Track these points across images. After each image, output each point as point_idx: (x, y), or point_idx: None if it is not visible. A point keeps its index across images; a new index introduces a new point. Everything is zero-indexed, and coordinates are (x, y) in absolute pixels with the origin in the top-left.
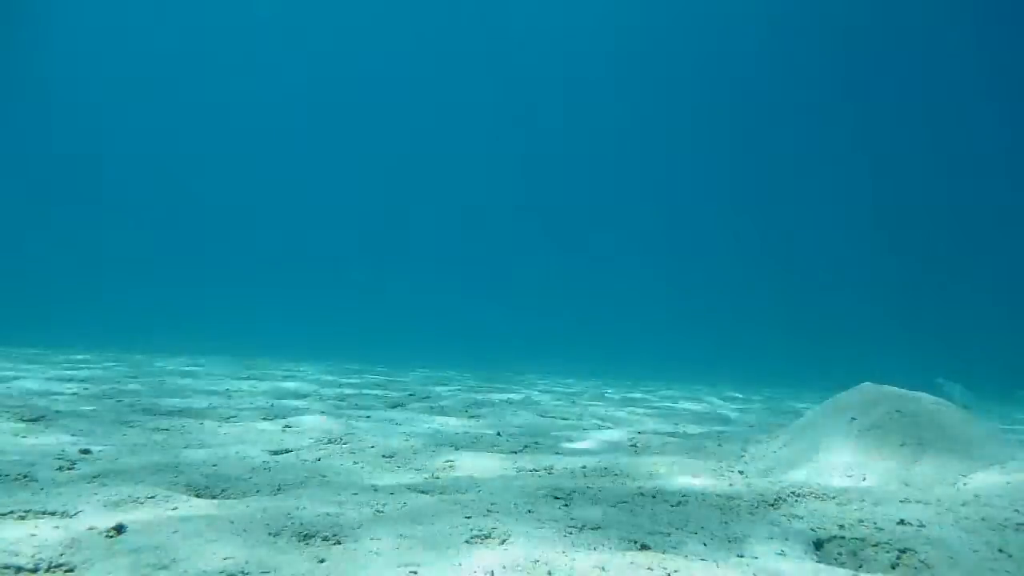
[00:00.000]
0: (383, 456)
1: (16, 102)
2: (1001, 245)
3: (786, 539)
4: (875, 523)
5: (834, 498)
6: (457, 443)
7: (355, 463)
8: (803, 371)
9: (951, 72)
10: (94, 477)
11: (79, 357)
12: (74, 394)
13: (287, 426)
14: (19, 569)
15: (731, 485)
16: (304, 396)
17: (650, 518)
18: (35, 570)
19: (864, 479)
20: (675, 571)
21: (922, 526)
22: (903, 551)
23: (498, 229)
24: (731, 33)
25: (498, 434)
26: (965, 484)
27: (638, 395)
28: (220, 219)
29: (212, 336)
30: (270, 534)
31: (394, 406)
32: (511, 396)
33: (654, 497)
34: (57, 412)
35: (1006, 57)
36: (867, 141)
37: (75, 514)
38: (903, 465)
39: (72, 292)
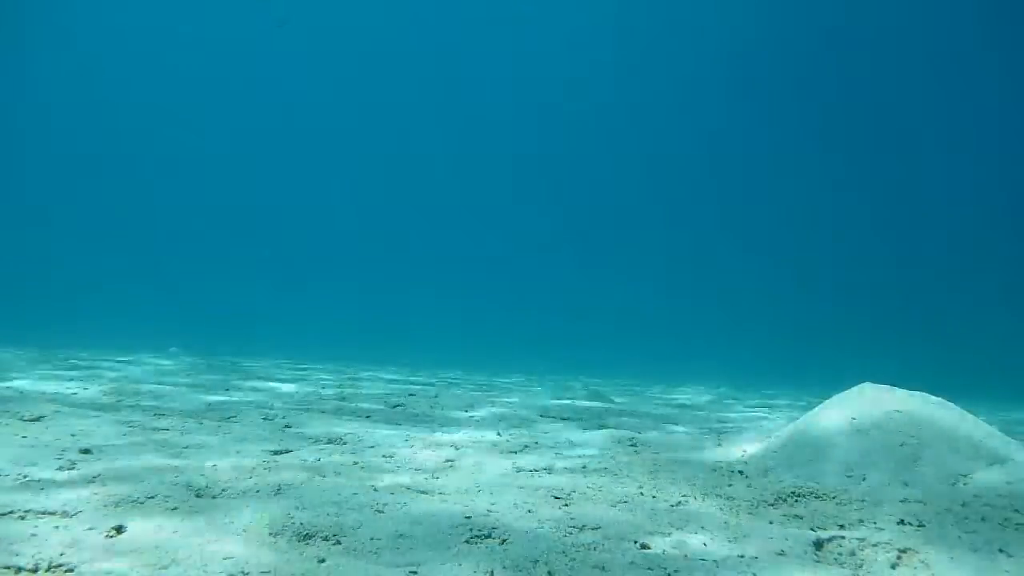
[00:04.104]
0: (383, 456)
1: (16, 102)
2: (1001, 246)
3: (786, 539)
4: (875, 523)
5: (834, 498)
6: (458, 443)
7: (355, 463)
8: (802, 372)
9: (956, 69)
10: (94, 477)
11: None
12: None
13: (287, 426)
14: (19, 569)
15: (731, 485)
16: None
17: (650, 517)
18: (35, 570)
19: (864, 479)
20: (675, 571)
21: (922, 526)
22: (903, 551)
23: (497, 230)
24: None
25: (498, 434)
26: (965, 484)
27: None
28: (218, 220)
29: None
30: (270, 534)
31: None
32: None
33: (654, 497)
34: (57, 412)
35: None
36: (867, 140)
37: (75, 514)
38: (903, 465)
39: (92, 297)
